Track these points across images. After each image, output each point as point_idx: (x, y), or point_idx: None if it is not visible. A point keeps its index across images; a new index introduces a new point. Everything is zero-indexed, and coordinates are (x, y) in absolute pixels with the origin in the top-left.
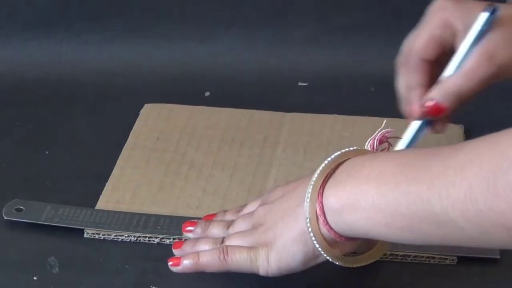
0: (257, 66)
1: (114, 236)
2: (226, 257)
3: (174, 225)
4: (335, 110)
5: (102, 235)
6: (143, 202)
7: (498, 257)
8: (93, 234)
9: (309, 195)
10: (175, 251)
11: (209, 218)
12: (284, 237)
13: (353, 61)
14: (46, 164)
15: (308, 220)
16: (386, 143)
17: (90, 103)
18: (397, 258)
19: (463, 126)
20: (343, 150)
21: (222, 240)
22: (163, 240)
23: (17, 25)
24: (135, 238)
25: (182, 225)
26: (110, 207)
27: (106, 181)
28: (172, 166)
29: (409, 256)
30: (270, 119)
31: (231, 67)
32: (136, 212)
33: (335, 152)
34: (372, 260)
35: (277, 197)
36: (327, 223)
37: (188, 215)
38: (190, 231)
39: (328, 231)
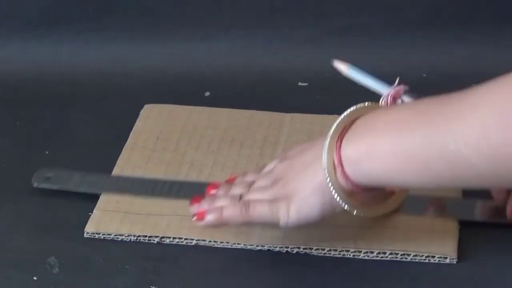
0: (257, 66)
1: (114, 236)
2: (248, 210)
3: (196, 188)
4: (335, 110)
5: (102, 234)
6: (143, 202)
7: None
8: (93, 234)
9: (326, 147)
10: (192, 206)
11: (230, 181)
12: (303, 189)
13: (353, 61)
14: (46, 164)
15: (326, 170)
16: (400, 99)
17: (90, 103)
18: (397, 257)
19: None
20: (358, 105)
21: (240, 197)
22: (163, 239)
23: (17, 25)
24: (135, 238)
25: (206, 189)
26: (110, 207)
27: None
28: (172, 166)
29: (409, 254)
30: (270, 119)
31: (231, 67)
32: (159, 178)
33: (350, 108)
34: (387, 211)
35: (295, 153)
36: (344, 173)
37: (188, 215)
38: (214, 193)
39: (346, 181)
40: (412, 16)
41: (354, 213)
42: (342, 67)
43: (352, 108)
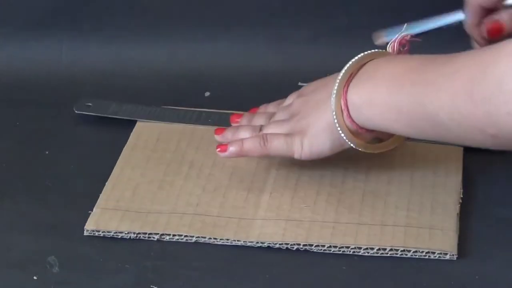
0: (257, 66)
1: (114, 233)
2: (266, 143)
3: (223, 117)
4: None
5: (102, 232)
6: (143, 200)
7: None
8: (93, 231)
9: (335, 91)
10: (216, 137)
11: (254, 111)
12: (315, 126)
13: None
14: (46, 164)
15: (334, 113)
16: (406, 45)
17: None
18: (397, 253)
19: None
20: (366, 52)
21: (260, 128)
22: (162, 237)
23: (17, 25)
24: (135, 235)
25: (230, 118)
26: (110, 205)
27: (106, 181)
28: (172, 166)
29: (409, 251)
30: None
31: (231, 67)
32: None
33: (359, 54)
34: (390, 148)
35: (311, 90)
36: (350, 116)
37: (188, 213)
38: (237, 122)
39: (351, 123)
40: (412, 16)
41: (360, 150)
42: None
43: (360, 55)
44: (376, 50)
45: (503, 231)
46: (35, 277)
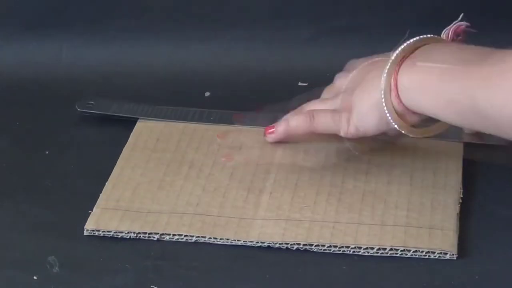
0: (257, 66)
1: (114, 233)
2: (312, 120)
3: (225, 115)
4: None
5: (102, 232)
6: (143, 200)
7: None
8: (93, 231)
9: (386, 70)
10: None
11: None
12: (362, 104)
13: None
14: (46, 164)
15: (382, 92)
16: (461, 35)
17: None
18: (396, 253)
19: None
20: (421, 36)
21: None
22: (162, 236)
23: (17, 25)
24: (135, 235)
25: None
26: (110, 205)
27: (106, 181)
28: (172, 166)
29: (409, 250)
30: None
31: (231, 67)
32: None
33: (415, 37)
34: (433, 134)
35: (360, 69)
36: (398, 97)
37: (188, 213)
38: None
39: (398, 104)
40: (412, 16)
41: (403, 132)
42: None
43: (416, 38)
44: (432, 35)
45: (503, 231)
46: (35, 277)
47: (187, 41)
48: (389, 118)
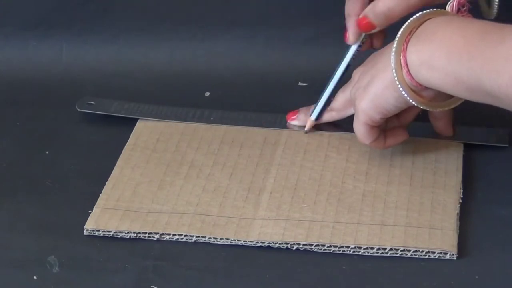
0: (257, 66)
1: (114, 233)
2: (331, 113)
3: (225, 117)
4: None
5: (102, 232)
6: (142, 200)
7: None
8: (93, 231)
9: (394, 48)
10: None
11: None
12: (377, 85)
13: (353, 61)
14: (46, 164)
15: (394, 70)
16: (465, 5)
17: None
18: (396, 253)
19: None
20: (426, 11)
21: None
22: (162, 236)
23: (17, 25)
24: (135, 235)
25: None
26: (110, 205)
27: (106, 181)
28: (172, 166)
29: (409, 250)
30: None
31: (231, 67)
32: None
33: (417, 13)
34: (454, 106)
35: (371, 57)
36: (410, 73)
37: (188, 212)
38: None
39: (411, 80)
40: (412, 16)
41: (422, 107)
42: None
43: (420, 13)
44: (436, 9)
45: (503, 231)
46: (35, 277)
47: (187, 41)
48: (405, 95)
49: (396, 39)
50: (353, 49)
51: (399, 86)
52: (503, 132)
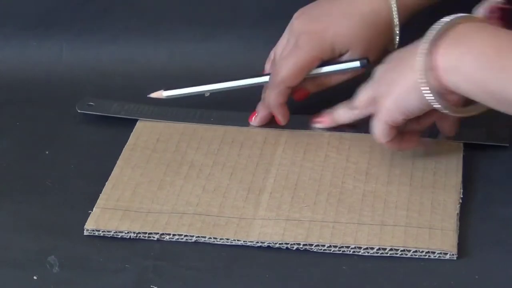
0: (257, 66)
1: (114, 233)
2: (353, 110)
3: (225, 117)
4: None
5: (102, 232)
6: (142, 200)
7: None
8: (93, 231)
9: (424, 50)
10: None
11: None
12: (400, 88)
13: None
14: (46, 164)
15: (421, 72)
16: (496, 12)
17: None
18: (396, 253)
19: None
20: (456, 15)
21: None
22: (162, 236)
23: (17, 25)
24: (135, 235)
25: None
26: (110, 205)
27: (106, 181)
28: (172, 166)
29: (409, 250)
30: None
31: (231, 67)
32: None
33: (448, 17)
34: (479, 111)
35: (392, 58)
36: (438, 77)
37: (188, 212)
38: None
39: (439, 84)
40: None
41: (445, 112)
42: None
43: (451, 17)
44: (467, 14)
45: (503, 231)
46: (35, 277)
47: (187, 41)
48: (432, 98)
49: (425, 41)
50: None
51: (425, 88)
52: (503, 132)
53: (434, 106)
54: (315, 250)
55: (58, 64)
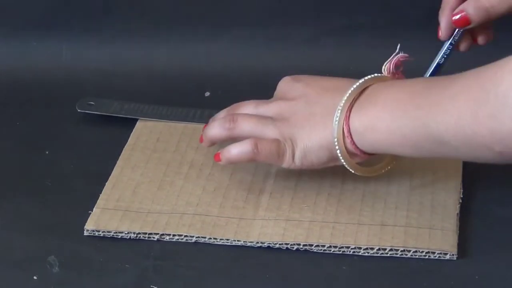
0: (257, 66)
1: (114, 233)
2: (256, 150)
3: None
4: None
5: (102, 232)
6: (142, 200)
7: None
8: (93, 231)
9: (337, 118)
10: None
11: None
12: (312, 141)
13: (353, 61)
14: (46, 164)
15: (336, 139)
16: (401, 66)
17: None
18: (396, 253)
19: None
20: (366, 78)
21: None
22: (163, 236)
23: (17, 25)
24: (135, 235)
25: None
26: (110, 205)
27: (106, 181)
28: (172, 166)
29: (409, 251)
30: None
31: (231, 67)
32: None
33: (359, 80)
34: (380, 172)
35: (298, 95)
36: (353, 143)
37: (188, 212)
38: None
39: (354, 149)
40: (412, 16)
41: (353, 172)
42: None
43: (361, 80)
44: (376, 74)
45: (503, 231)
46: (35, 277)
47: (187, 41)
48: (342, 160)
49: (339, 109)
50: (445, 47)
51: (338, 151)
52: None
53: (340, 163)
54: (315, 250)
55: (58, 64)
